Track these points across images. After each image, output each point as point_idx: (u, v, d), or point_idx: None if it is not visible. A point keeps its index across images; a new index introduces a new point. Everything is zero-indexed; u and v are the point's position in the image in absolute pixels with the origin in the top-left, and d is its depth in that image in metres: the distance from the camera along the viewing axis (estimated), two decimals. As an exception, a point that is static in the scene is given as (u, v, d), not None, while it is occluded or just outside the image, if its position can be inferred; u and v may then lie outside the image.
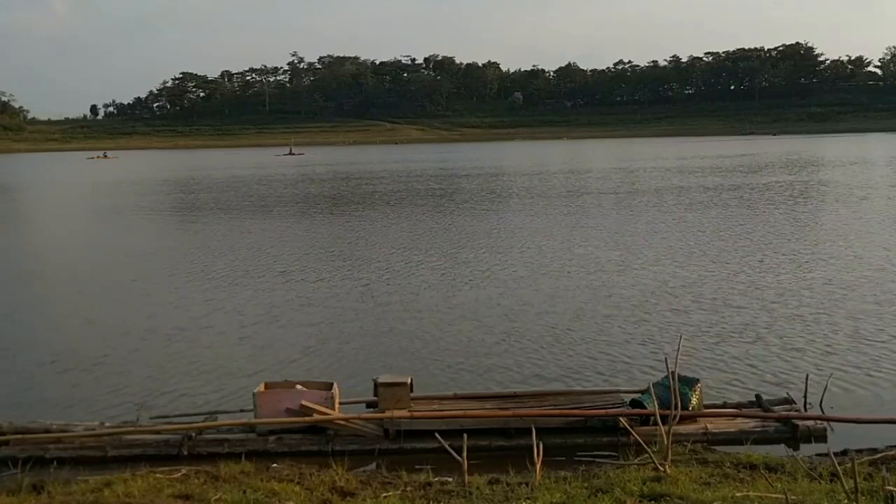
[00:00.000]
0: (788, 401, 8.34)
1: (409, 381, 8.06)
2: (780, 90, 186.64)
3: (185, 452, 7.54)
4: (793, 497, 5.40)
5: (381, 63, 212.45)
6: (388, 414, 7.72)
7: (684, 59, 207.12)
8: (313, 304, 14.23)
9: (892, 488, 5.11)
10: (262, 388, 8.08)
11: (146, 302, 14.81)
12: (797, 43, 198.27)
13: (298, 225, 27.82)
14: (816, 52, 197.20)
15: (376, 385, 8.04)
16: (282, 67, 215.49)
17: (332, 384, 8.17)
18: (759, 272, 16.07)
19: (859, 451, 6.90)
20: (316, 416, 7.73)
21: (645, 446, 6.56)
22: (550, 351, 11.01)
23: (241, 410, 8.32)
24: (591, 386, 9.22)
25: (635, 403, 7.99)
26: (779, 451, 7.28)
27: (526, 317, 12.91)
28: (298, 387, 8.04)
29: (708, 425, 7.83)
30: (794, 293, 14.07)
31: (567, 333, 11.85)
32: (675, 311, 12.96)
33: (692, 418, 7.84)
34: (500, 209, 30.57)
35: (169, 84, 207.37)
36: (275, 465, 6.93)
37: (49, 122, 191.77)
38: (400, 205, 33.47)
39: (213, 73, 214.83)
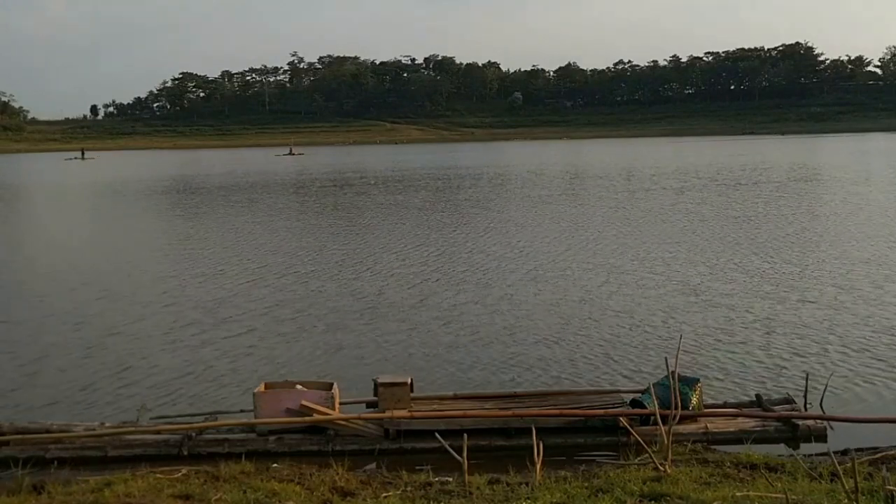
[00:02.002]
0: (788, 400, 8.34)
1: (409, 381, 8.05)
2: (780, 90, 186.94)
3: (186, 452, 7.53)
4: (793, 497, 5.39)
5: (381, 63, 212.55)
6: (388, 414, 7.72)
7: (684, 59, 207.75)
8: (314, 304, 14.21)
9: (892, 488, 5.11)
10: (262, 388, 8.08)
11: (146, 302, 14.81)
12: (797, 43, 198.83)
13: (301, 225, 27.80)
14: (816, 52, 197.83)
15: (376, 385, 8.03)
16: (282, 67, 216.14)
17: (332, 384, 8.17)
18: (759, 272, 16.07)
19: (859, 451, 6.88)
20: (316, 416, 7.73)
21: (645, 446, 6.56)
22: (550, 350, 11.00)
23: (241, 410, 8.32)
24: (592, 386, 9.22)
25: (635, 403, 7.98)
26: (779, 451, 7.28)
27: (526, 317, 12.91)
28: (298, 387, 8.04)
29: (708, 425, 7.83)
30: (794, 293, 14.06)
31: (568, 333, 11.84)
32: (676, 311, 12.95)
33: (692, 418, 7.84)
34: (505, 209, 30.53)
35: (169, 84, 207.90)
36: (275, 465, 6.92)
37: (49, 122, 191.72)
38: (402, 204, 33.44)
39: (213, 73, 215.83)
